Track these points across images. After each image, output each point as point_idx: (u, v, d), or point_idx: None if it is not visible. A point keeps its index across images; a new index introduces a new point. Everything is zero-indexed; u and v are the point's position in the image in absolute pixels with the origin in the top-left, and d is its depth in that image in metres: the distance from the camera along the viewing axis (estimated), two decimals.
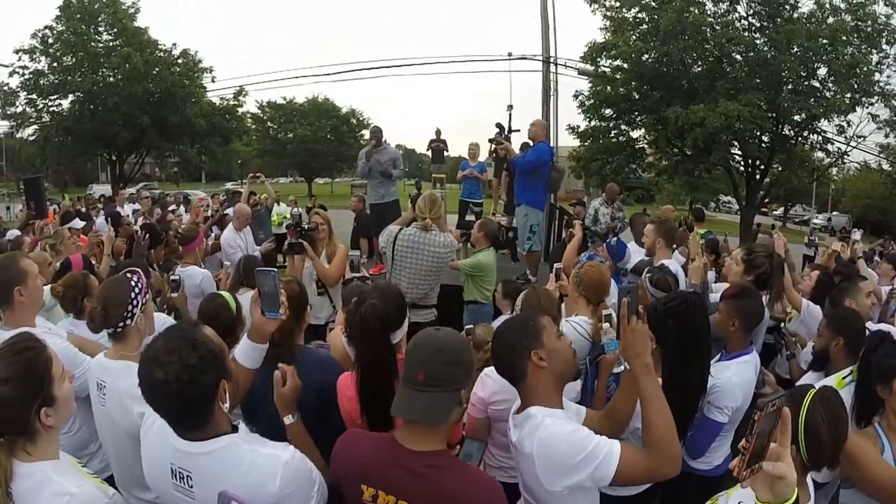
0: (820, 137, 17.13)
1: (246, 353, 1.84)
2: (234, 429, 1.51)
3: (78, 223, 6.94)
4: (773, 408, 1.12)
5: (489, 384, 2.41)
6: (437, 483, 1.43)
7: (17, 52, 21.40)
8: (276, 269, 1.82)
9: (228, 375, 1.48)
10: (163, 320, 2.64)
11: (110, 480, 2.04)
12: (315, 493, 1.49)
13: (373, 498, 1.48)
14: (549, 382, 1.68)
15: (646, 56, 16.58)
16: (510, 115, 8.77)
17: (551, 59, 10.91)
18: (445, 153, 11.92)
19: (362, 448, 1.58)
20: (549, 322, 1.74)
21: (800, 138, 17.19)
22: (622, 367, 2.39)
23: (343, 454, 1.60)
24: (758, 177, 18.20)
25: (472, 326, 3.35)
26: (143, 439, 1.60)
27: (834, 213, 36.90)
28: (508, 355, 1.70)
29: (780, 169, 18.28)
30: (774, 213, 38.01)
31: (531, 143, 6.47)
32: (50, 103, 22.26)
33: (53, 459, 1.41)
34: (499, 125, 7.73)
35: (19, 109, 22.07)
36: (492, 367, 1.96)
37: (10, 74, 21.37)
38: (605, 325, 2.76)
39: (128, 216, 8.03)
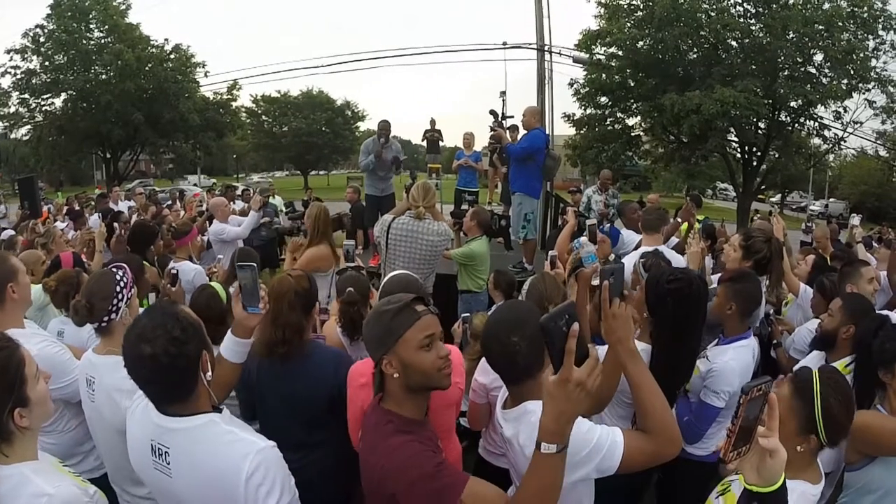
0: (816, 124, 17.10)
1: (230, 348, 1.83)
2: (218, 410, 1.52)
3: (60, 225, 6.94)
4: (759, 392, 1.11)
5: (490, 370, 2.37)
6: (374, 435, 1.54)
7: (8, 52, 21.35)
8: (255, 264, 1.80)
9: (208, 346, 1.55)
10: None
11: (105, 478, 2.03)
12: (285, 492, 1.43)
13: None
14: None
15: (641, 43, 16.51)
16: (503, 101, 8.71)
17: (546, 48, 10.84)
18: (440, 143, 11.88)
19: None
20: None
21: (796, 124, 17.15)
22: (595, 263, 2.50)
23: None
24: (754, 163, 18.17)
25: (468, 315, 3.32)
26: (128, 422, 1.62)
27: (831, 199, 36.82)
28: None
29: (776, 155, 18.24)
30: (771, 199, 37.96)
31: (522, 128, 6.42)
32: (42, 102, 22.22)
33: (32, 461, 1.38)
34: (493, 112, 7.68)
35: (12, 110, 22.05)
36: None
37: (2, 75, 21.40)
38: (583, 239, 2.72)
39: (123, 213, 7.97)
